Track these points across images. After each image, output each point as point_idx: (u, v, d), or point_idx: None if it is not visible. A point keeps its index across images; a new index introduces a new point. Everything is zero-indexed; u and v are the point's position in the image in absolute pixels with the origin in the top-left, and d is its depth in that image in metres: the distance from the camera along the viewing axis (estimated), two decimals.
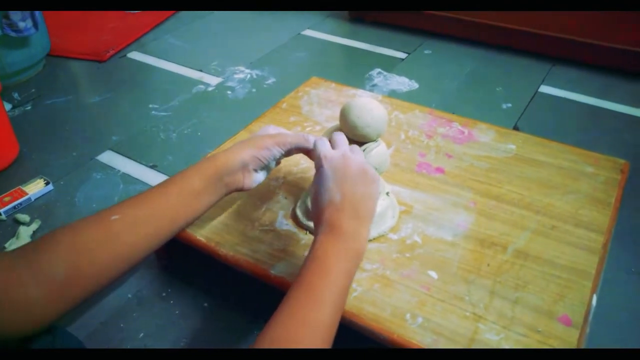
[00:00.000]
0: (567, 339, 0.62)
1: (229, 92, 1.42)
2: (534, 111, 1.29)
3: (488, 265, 0.72)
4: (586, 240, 0.75)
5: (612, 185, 0.84)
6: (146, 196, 0.61)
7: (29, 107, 1.37)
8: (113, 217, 0.56)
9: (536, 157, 0.90)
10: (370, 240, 0.76)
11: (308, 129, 1.00)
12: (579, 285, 0.69)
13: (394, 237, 0.76)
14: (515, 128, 1.23)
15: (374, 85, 1.41)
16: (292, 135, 0.70)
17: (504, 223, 0.78)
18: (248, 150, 0.67)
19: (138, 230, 0.58)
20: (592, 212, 0.79)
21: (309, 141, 0.69)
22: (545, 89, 1.38)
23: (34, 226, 0.96)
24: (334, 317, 0.51)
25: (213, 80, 1.47)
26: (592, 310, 0.68)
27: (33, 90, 1.44)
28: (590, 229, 0.76)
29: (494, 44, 1.57)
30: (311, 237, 0.77)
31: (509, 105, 1.32)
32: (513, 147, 0.93)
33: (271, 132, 0.72)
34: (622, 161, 0.89)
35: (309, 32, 1.74)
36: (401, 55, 1.57)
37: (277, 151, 0.69)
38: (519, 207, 0.80)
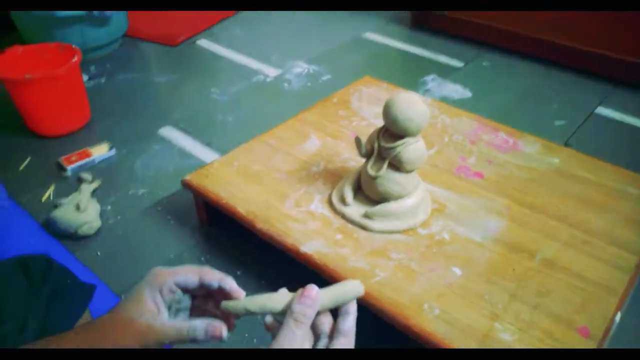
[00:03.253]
0: None
1: (285, 83, 1.48)
2: (587, 131, 1.27)
3: (513, 270, 0.73)
4: (619, 258, 0.74)
5: None
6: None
7: (102, 80, 1.48)
8: None
9: (579, 173, 0.90)
10: (399, 232, 0.78)
11: (355, 123, 1.03)
12: (604, 300, 0.68)
13: (423, 232, 0.79)
14: (566, 145, 1.21)
15: (427, 90, 1.43)
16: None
17: (535, 232, 0.79)
18: (106, 344, 0.44)
19: None
20: (629, 232, 0.78)
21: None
22: (602, 110, 1.35)
23: (95, 184, 1.04)
24: None
25: (272, 72, 1.54)
26: (615, 327, 0.68)
27: (108, 65, 1.56)
28: (624, 249, 0.76)
29: (553, 60, 1.54)
30: (343, 221, 0.80)
31: (562, 122, 1.30)
32: (556, 161, 0.93)
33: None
34: None
35: (369, 35, 1.77)
36: (458, 64, 1.58)
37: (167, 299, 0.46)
38: (553, 218, 0.81)
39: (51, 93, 1.16)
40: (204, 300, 0.49)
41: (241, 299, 0.46)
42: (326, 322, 0.46)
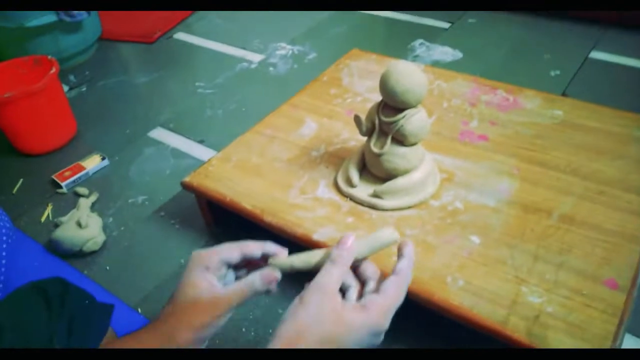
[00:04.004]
0: (613, 302, 0.61)
1: (271, 68, 1.44)
2: (584, 78, 1.25)
3: (532, 230, 0.71)
4: (636, 205, 0.73)
5: None
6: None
7: (84, 89, 1.44)
8: None
9: (584, 123, 0.88)
10: (410, 207, 0.76)
11: (349, 100, 1.01)
12: (627, 249, 0.67)
13: (435, 203, 0.77)
14: (564, 95, 1.19)
15: (416, 56, 1.40)
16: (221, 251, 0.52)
17: (549, 189, 0.77)
18: (185, 336, 0.47)
19: None
20: None
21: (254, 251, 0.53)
22: (596, 54, 1.32)
23: (93, 198, 1.02)
24: None
25: (256, 58, 1.50)
26: None
27: (87, 72, 1.52)
28: None
29: (540, 9, 1.51)
30: (352, 204, 0.78)
31: (558, 72, 1.27)
32: (560, 113, 0.90)
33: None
34: None
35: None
36: (444, 25, 1.54)
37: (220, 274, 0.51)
38: (565, 173, 0.79)
39: (33, 109, 1.12)
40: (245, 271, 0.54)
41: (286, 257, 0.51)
42: (369, 268, 0.50)
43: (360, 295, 0.49)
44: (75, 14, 1.44)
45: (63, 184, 1.06)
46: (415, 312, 0.65)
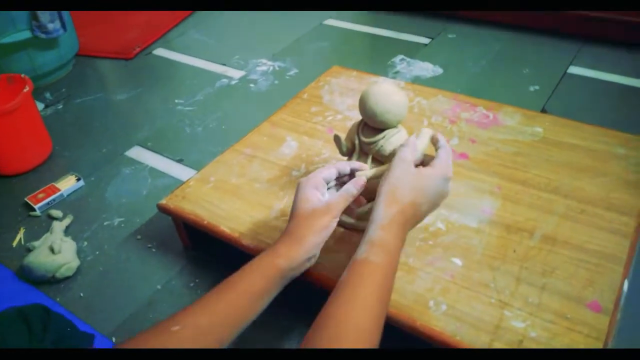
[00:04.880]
0: (597, 325, 0.60)
1: (251, 84, 1.43)
2: (562, 93, 1.25)
3: (514, 251, 0.71)
4: (617, 224, 0.73)
5: None
6: (207, 303, 0.57)
7: (60, 107, 1.41)
8: (174, 328, 0.53)
9: (564, 140, 0.88)
10: None
11: (329, 118, 0.99)
12: (609, 271, 0.67)
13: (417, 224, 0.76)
14: (544, 111, 1.19)
15: (396, 72, 1.40)
16: (328, 171, 0.67)
17: (530, 208, 0.76)
18: (311, 238, 0.62)
19: (200, 341, 0.54)
20: (624, 195, 0.77)
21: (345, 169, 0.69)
22: (574, 69, 1.33)
23: (67, 221, 0.99)
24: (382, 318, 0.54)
25: (236, 74, 1.48)
26: (624, 296, 0.66)
27: (63, 89, 1.49)
28: (622, 213, 0.74)
29: (520, 25, 1.52)
30: (340, 230, 0.77)
31: (537, 87, 1.28)
32: (540, 130, 0.90)
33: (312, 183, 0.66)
34: None
35: (330, 22, 1.73)
36: (424, 40, 1.54)
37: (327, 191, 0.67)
38: (546, 191, 0.78)
39: (5, 129, 1.09)
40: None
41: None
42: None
43: None
44: (50, 30, 1.41)
45: (36, 206, 1.03)
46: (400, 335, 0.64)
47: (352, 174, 0.68)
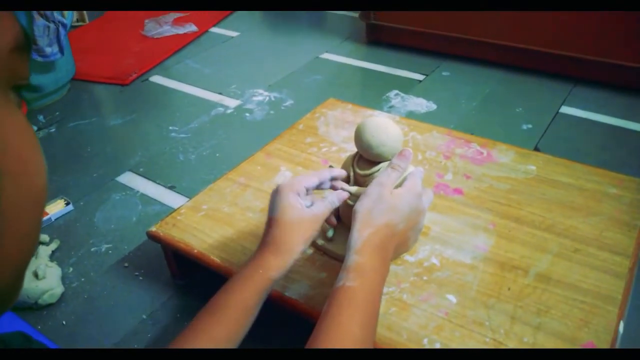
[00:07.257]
0: None
1: (247, 114, 1.43)
2: (555, 132, 1.27)
3: (509, 289, 0.70)
4: (611, 264, 0.72)
5: (637, 206, 0.81)
6: (203, 326, 0.57)
7: (53, 130, 1.40)
8: None
9: (557, 178, 0.88)
10: None
11: (324, 149, 0.99)
12: (604, 311, 0.66)
13: (411, 259, 0.75)
14: (536, 149, 1.21)
15: (391, 107, 1.41)
16: (309, 178, 0.68)
17: (524, 246, 0.76)
18: (301, 248, 0.62)
19: None
20: (617, 234, 0.77)
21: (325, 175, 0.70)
22: (566, 109, 1.36)
23: (53, 246, 0.97)
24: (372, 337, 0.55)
25: (232, 103, 1.49)
26: (619, 338, 0.65)
27: (57, 113, 1.48)
28: (615, 252, 0.74)
29: (513, 64, 1.56)
30: (326, 258, 0.76)
31: (530, 126, 1.30)
32: (533, 168, 0.91)
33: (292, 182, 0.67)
34: None
35: (326, 56, 1.75)
36: (419, 77, 1.57)
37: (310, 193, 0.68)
38: (540, 229, 0.78)
39: None
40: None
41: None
42: None
43: None
44: (48, 54, 1.41)
45: None
46: None
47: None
